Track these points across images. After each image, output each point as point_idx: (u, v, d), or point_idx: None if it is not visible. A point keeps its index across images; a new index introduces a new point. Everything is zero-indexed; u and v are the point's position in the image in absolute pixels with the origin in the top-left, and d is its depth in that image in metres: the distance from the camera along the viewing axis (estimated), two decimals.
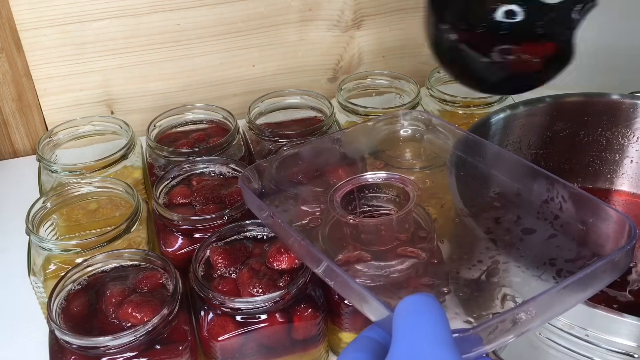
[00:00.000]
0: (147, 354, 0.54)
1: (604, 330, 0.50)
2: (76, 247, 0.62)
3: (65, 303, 0.57)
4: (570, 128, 0.75)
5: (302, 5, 0.94)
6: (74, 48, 0.89)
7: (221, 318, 0.57)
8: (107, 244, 0.63)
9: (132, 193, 0.67)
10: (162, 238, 0.67)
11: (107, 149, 0.77)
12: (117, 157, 0.74)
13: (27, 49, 0.87)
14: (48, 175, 0.74)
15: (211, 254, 0.60)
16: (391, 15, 0.98)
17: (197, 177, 0.71)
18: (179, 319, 0.56)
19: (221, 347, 0.57)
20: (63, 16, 0.86)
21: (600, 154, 0.76)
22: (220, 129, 0.82)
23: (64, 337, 0.53)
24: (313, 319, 0.58)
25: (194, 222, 0.65)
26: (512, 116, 0.73)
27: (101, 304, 0.56)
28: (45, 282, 0.62)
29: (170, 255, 0.66)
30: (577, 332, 0.52)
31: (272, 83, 0.99)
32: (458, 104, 0.85)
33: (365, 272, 0.53)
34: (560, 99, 0.74)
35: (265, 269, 0.59)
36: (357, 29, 0.98)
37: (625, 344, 0.50)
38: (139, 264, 0.60)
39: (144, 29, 0.90)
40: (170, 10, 0.89)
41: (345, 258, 0.55)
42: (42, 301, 0.65)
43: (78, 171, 0.72)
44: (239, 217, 0.65)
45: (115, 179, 0.69)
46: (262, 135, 0.79)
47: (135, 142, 0.77)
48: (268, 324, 0.57)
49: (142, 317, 0.54)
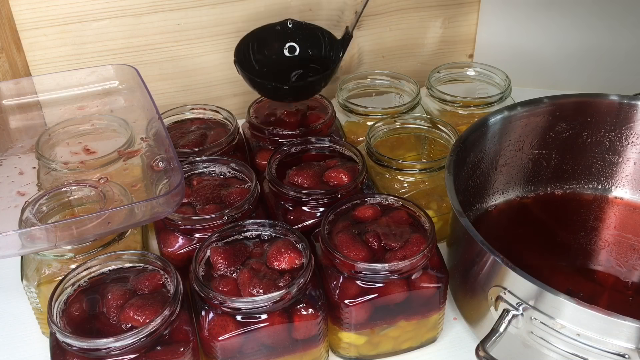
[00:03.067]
0: (149, 356, 0.54)
1: (596, 330, 0.50)
2: (70, 252, 0.62)
3: (66, 305, 0.57)
4: (574, 129, 0.75)
5: (302, 5, 0.94)
6: (74, 48, 0.89)
7: (222, 318, 0.57)
8: (101, 248, 0.63)
9: (127, 194, 0.68)
10: (162, 238, 0.67)
11: (106, 147, 0.77)
12: (116, 155, 0.74)
13: (27, 49, 0.87)
14: (47, 174, 0.74)
15: (211, 254, 0.60)
16: (391, 15, 0.98)
17: (197, 177, 0.71)
18: (180, 319, 0.56)
19: (222, 347, 0.57)
20: (63, 16, 0.86)
21: (603, 156, 0.76)
22: (220, 129, 0.82)
23: (65, 339, 0.53)
24: (313, 319, 0.58)
25: (194, 222, 0.65)
26: (512, 117, 0.73)
27: (102, 306, 0.57)
28: (39, 287, 0.62)
29: (171, 255, 0.66)
30: (568, 332, 0.52)
31: None
32: (458, 104, 0.85)
33: None
34: (561, 100, 0.74)
35: (265, 269, 0.59)
36: (357, 29, 0.98)
37: (617, 344, 0.50)
38: (138, 265, 0.61)
39: (144, 29, 0.89)
40: (170, 10, 0.89)
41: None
42: (35, 306, 0.65)
43: (77, 168, 0.72)
44: (239, 217, 0.66)
45: (112, 182, 0.69)
46: (261, 135, 0.79)
47: (134, 140, 0.77)
48: (268, 324, 0.57)
49: (144, 319, 0.54)
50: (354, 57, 1.01)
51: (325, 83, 0.79)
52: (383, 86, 0.92)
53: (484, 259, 0.58)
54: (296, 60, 0.84)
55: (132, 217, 0.60)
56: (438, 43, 1.03)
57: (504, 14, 0.99)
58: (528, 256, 0.69)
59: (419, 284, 0.60)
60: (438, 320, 0.65)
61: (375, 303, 0.60)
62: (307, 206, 0.69)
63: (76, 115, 0.81)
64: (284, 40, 0.84)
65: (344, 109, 0.85)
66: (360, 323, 0.61)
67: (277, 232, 0.63)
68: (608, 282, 0.69)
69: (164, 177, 0.68)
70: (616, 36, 0.97)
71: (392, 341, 0.64)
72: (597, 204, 0.77)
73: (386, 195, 0.66)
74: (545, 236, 0.74)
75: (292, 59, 0.84)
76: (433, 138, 0.81)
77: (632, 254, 0.71)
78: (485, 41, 1.02)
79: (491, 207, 0.77)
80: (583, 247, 0.73)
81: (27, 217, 0.64)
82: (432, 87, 0.87)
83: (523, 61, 1.01)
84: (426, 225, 0.62)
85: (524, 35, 1.00)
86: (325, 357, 0.64)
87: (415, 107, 0.85)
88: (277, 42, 0.84)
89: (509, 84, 0.87)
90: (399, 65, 1.02)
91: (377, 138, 0.79)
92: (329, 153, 0.74)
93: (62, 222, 0.60)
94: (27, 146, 0.78)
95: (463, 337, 0.67)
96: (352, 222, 0.63)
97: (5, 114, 0.80)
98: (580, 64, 1.01)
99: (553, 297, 0.51)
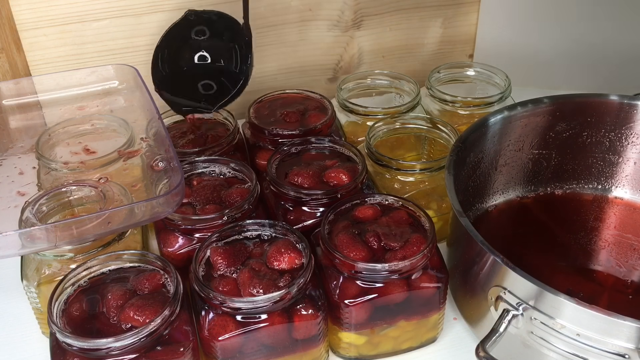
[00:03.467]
0: (149, 356, 0.54)
1: (596, 330, 0.51)
2: (70, 252, 0.62)
3: (66, 305, 0.57)
4: (574, 129, 0.75)
5: (302, 5, 0.94)
6: (74, 48, 0.89)
7: (222, 318, 0.57)
8: (101, 248, 0.63)
9: (127, 194, 0.68)
10: (162, 238, 0.67)
11: (106, 147, 0.77)
12: (116, 155, 0.74)
13: (27, 49, 0.87)
14: (47, 174, 0.74)
15: (211, 254, 0.60)
16: (391, 15, 0.98)
17: (197, 177, 0.71)
18: (180, 319, 0.56)
19: (222, 347, 0.57)
20: (63, 16, 0.86)
21: (603, 156, 0.76)
22: (220, 128, 0.82)
23: (65, 339, 0.53)
24: (313, 318, 0.58)
25: (194, 222, 0.65)
26: (512, 117, 0.73)
27: (102, 306, 0.57)
28: (39, 287, 0.63)
29: (171, 255, 0.66)
30: (568, 332, 0.52)
31: (272, 83, 0.99)
32: (458, 104, 0.85)
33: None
34: (561, 100, 0.74)
35: (265, 269, 0.59)
36: (357, 29, 0.98)
37: (617, 344, 0.50)
38: (138, 265, 0.60)
39: (144, 29, 0.89)
40: (170, 10, 0.89)
41: None
42: (35, 306, 0.65)
43: (77, 168, 0.72)
44: (239, 217, 0.66)
45: (112, 182, 0.69)
46: (261, 135, 0.79)
47: (134, 140, 0.77)
48: (268, 324, 0.57)
49: (144, 319, 0.54)
50: (354, 57, 1.01)
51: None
52: (383, 86, 0.92)
53: (484, 259, 0.58)
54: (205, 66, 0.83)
55: (132, 217, 0.60)
56: (438, 43, 1.03)
57: (504, 14, 0.99)
58: (528, 256, 0.69)
59: (419, 284, 0.60)
60: (438, 320, 0.65)
61: (375, 303, 0.60)
62: (307, 206, 0.69)
63: (76, 115, 0.81)
64: (193, 47, 0.83)
65: (344, 109, 0.85)
66: (360, 323, 0.61)
67: (277, 232, 0.63)
68: (608, 282, 0.69)
69: (164, 177, 0.68)
70: (616, 36, 0.97)
71: (392, 341, 0.64)
72: (597, 204, 0.77)
73: (386, 195, 0.66)
74: (545, 236, 0.74)
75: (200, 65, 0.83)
76: (433, 138, 0.81)
77: (632, 254, 0.71)
78: (485, 41, 1.02)
79: (491, 207, 0.77)
80: (583, 247, 0.73)
81: (27, 217, 0.64)
82: (432, 87, 0.87)
83: (523, 61, 1.01)
84: (426, 225, 0.62)
85: (524, 35, 1.00)
86: (325, 357, 0.64)
87: (415, 107, 0.85)
88: (187, 50, 0.83)
89: (509, 84, 0.87)
90: (399, 65, 1.02)
91: (377, 138, 0.79)
92: (329, 153, 0.74)
93: (62, 222, 0.60)
94: (27, 146, 0.78)
95: (463, 337, 0.67)
96: (352, 222, 0.63)
97: (5, 114, 0.80)
98: (580, 64, 1.01)
99: (553, 297, 0.51)
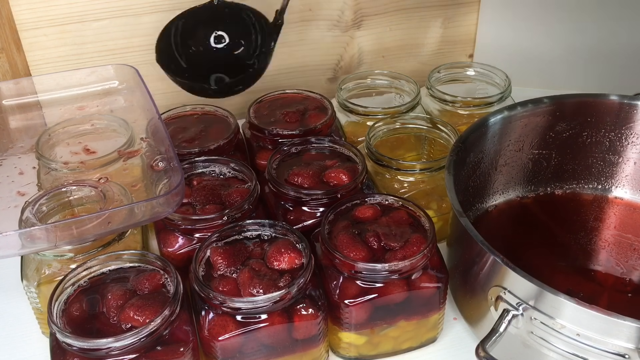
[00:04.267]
0: (149, 356, 0.54)
1: (596, 330, 0.51)
2: (70, 252, 0.62)
3: (66, 305, 0.57)
4: (574, 129, 0.75)
5: (302, 5, 0.94)
6: (74, 48, 0.89)
7: (222, 318, 0.57)
8: (101, 248, 0.63)
9: (127, 194, 0.68)
10: (162, 238, 0.67)
11: (106, 147, 0.77)
12: (116, 155, 0.74)
13: (27, 49, 0.87)
14: (47, 174, 0.74)
15: (211, 254, 0.60)
16: (391, 15, 0.98)
17: (197, 177, 0.71)
18: (180, 319, 0.56)
19: (222, 347, 0.57)
20: (63, 16, 0.86)
21: (603, 156, 0.76)
22: (221, 128, 0.82)
23: (65, 339, 0.53)
24: (313, 318, 0.58)
25: (194, 222, 0.65)
26: (512, 117, 0.73)
27: (102, 306, 0.57)
28: (39, 287, 0.63)
29: (171, 255, 0.66)
30: (568, 332, 0.52)
31: (273, 83, 0.99)
32: (458, 104, 0.85)
33: None
34: (561, 100, 0.74)
35: (265, 269, 0.59)
36: (357, 29, 0.98)
37: (617, 344, 0.50)
38: (138, 265, 0.60)
39: (144, 29, 0.89)
40: (170, 10, 0.88)
41: None
42: (35, 306, 0.65)
43: (77, 168, 0.72)
44: (239, 217, 0.66)
45: (112, 182, 0.69)
46: (261, 135, 0.79)
47: (134, 140, 0.77)
48: (268, 324, 0.57)
49: (144, 319, 0.54)
50: (354, 57, 1.01)
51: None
52: (383, 86, 0.92)
53: (484, 259, 0.58)
54: (222, 50, 0.82)
55: (132, 217, 0.60)
56: (438, 43, 1.03)
57: (503, 14, 0.99)
58: (528, 256, 0.69)
59: (419, 284, 0.60)
60: (438, 320, 0.65)
61: (375, 303, 0.60)
62: (307, 206, 0.69)
63: (76, 115, 0.81)
64: (211, 27, 0.82)
65: (344, 109, 0.85)
66: (360, 323, 0.61)
67: (277, 232, 0.63)
68: (608, 282, 0.69)
69: (164, 177, 0.68)
70: (616, 36, 0.97)
71: (392, 341, 0.64)
72: (597, 204, 0.77)
73: (386, 195, 0.66)
74: (545, 236, 0.74)
75: (218, 50, 0.82)
76: (433, 138, 0.81)
77: (632, 254, 0.71)
78: (485, 41, 1.02)
79: (491, 207, 0.77)
80: (583, 247, 0.73)
81: (27, 217, 0.64)
82: (432, 87, 0.87)
83: (523, 61, 1.01)
84: (426, 225, 0.62)
85: (523, 35, 1.00)
86: (325, 357, 0.64)
87: (415, 107, 0.85)
88: (203, 29, 0.82)
89: (509, 84, 0.87)
90: (399, 65, 1.02)
91: (377, 138, 0.79)
92: (329, 153, 0.74)
93: (62, 222, 0.60)
94: (27, 146, 0.78)
95: (463, 337, 0.67)
96: (352, 222, 0.63)
97: (5, 114, 0.80)
98: (580, 64, 1.01)
99: (553, 297, 0.51)
